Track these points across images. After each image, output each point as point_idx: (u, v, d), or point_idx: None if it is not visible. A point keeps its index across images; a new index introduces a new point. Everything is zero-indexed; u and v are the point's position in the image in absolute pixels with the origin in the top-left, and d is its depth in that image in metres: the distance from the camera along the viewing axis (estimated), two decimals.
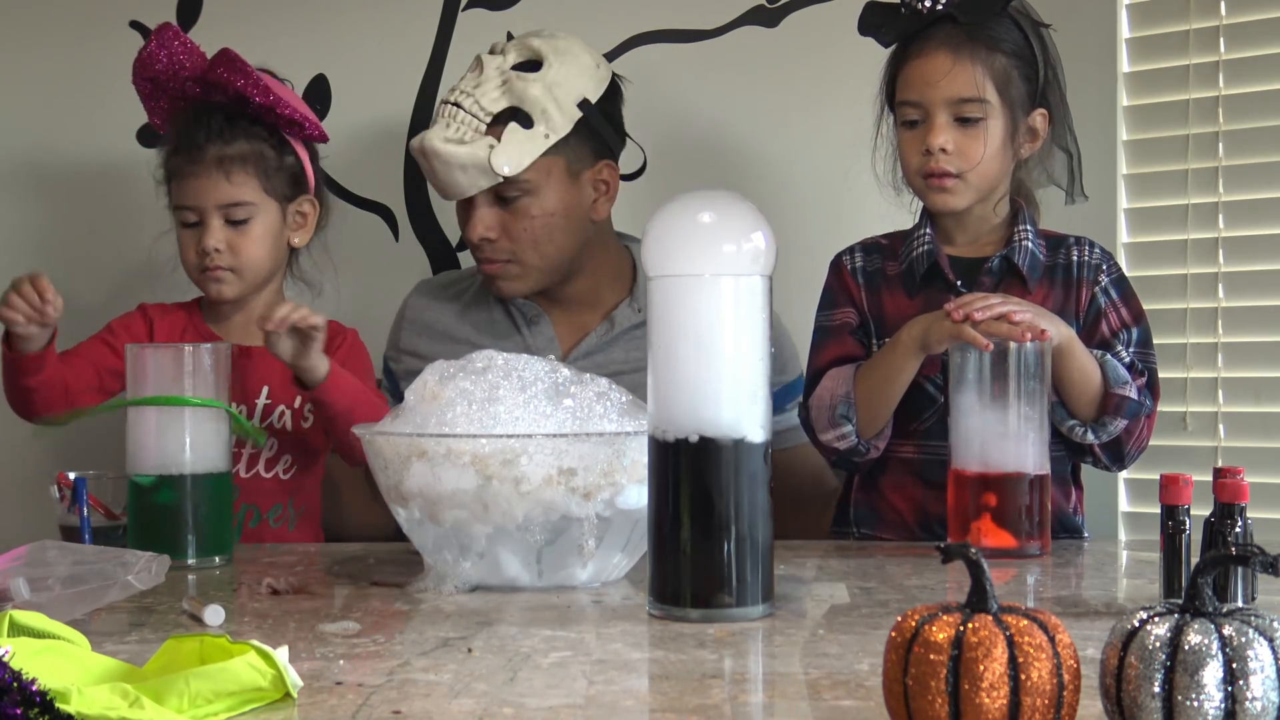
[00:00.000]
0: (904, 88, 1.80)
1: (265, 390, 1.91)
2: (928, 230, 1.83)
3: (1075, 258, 1.82)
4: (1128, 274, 2.21)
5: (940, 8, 1.79)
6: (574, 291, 2.08)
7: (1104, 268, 1.82)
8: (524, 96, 1.94)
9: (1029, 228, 1.82)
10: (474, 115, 1.94)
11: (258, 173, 1.91)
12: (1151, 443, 2.21)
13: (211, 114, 1.90)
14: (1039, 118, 1.83)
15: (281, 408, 1.91)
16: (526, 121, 1.94)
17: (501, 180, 1.94)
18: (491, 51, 2.03)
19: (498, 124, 1.94)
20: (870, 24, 1.85)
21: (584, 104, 1.99)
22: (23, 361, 1.77)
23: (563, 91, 1.97)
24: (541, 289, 2.05)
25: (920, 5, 1.79)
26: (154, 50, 1.92)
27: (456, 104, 1.95)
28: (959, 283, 1.79)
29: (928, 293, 1.80)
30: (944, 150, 1.77)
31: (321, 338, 1.74)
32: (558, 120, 1.96)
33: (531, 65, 1.99)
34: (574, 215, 2.01)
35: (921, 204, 1.87)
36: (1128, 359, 1.75)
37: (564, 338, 2.08)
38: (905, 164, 1.84)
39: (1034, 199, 1.90)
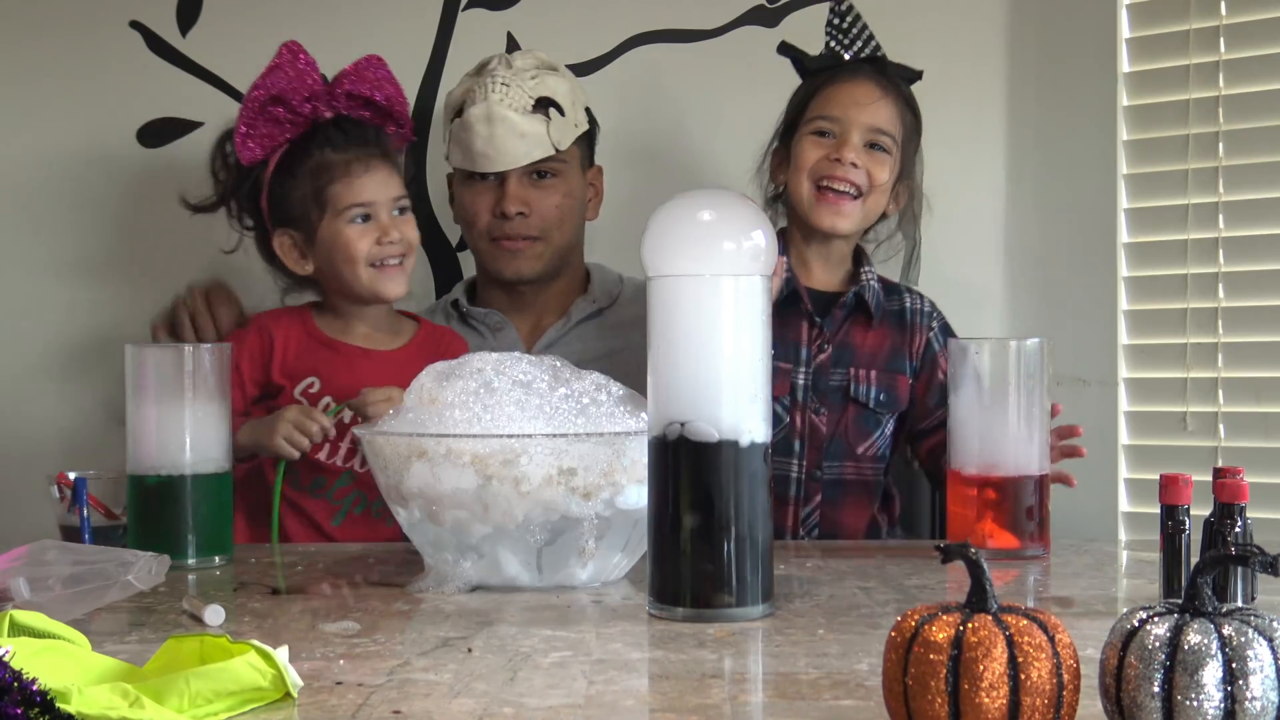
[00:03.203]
0: (825, 104, 1.94)
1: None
2: (785, 258, 1.95)
3: (909, 304, 1.99)
4: (1127, 274, 2.22)
5: (863, 58, 1.97)
6: (545, 296, 2.16)
7: (934, 315, 2.00)
8: (555, 90, 2.07)
9: (872, 269, 1.98)
10: (522, 94, 2.05)
11: (404, 173, 2.00)
12: (1152, 443, 2.22)
13: (362, 123, 1.98)
14: (903, 188, 1.98)
15: None
16: (560, 111, 2.07)
17: (551, 153, 2.06)
18: (505, 54, 2.12)
19: (539, 108, 2.06)
20: (791, 53, 2.04)
21: (588, 111, 2.14)
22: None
23: (577, 96, 2.11)
24: (546, 275, 2.13)
25: (842, 54, 1.97)
26: (282, 65, 1.97)
27: (505, 83, 2.05)
28: (816, 315, 1.93)
29: (783, 316, 1.88)
30: (854, 165, 1.90)
31: None
32: (578, 118, 2.10)
33: (546, 69, 2.11)
34: (580, 207, 2.15)
35: (778, 231, 1.98)
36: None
37: (526, 339, 2.16)
38: (801, 164, 1.93)
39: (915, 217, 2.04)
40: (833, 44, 1.99)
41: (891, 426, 1.96)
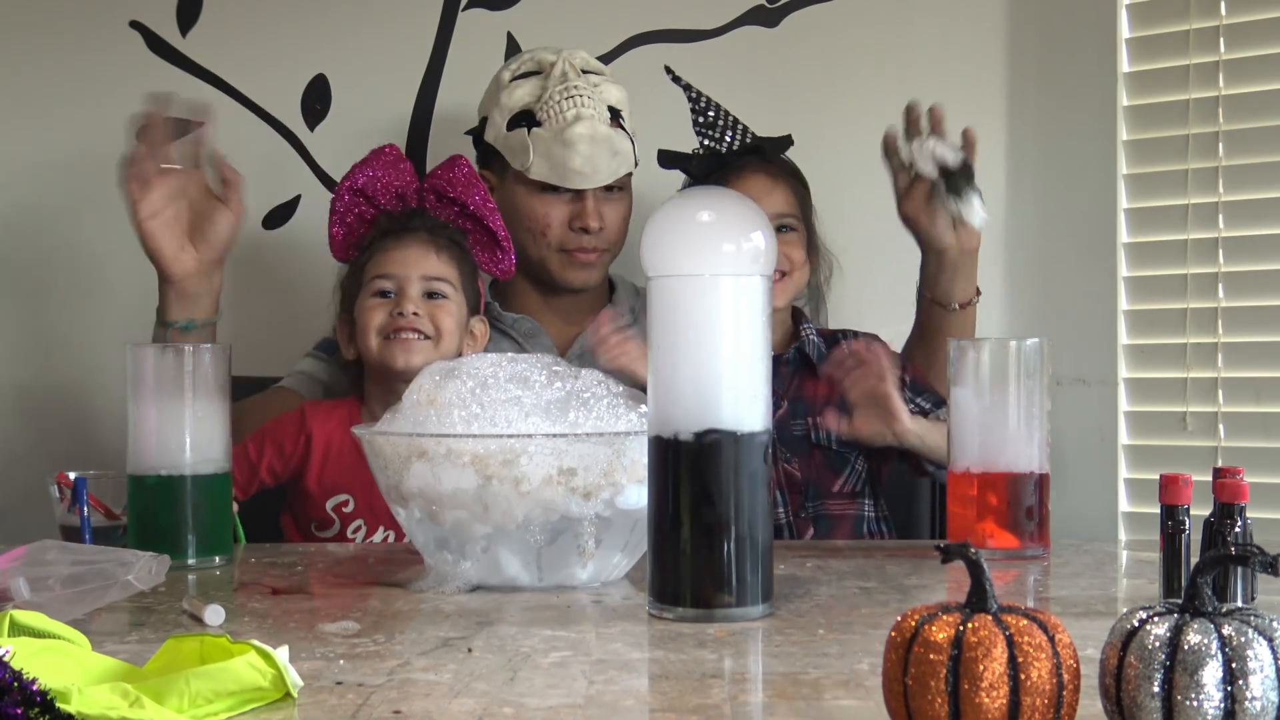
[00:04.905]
0: None
1: None
2: None
3: (847, 350, 2.01)
4: (1127, 274, 2.22)
5: (737, 147, 2.04)
6: (577, 303, 2.15)
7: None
8: (618, 99, 2.09)
9: (810, 325, 2.05)
10: (601, 106, 2.06)
11: (458, 264, 1.91)
12: (1152, 442, 2.21)
13: (423, 212, 1.93)
14: (814, 252, 2.06)
15: None
16: (624, 122, 2.09)
17: (631, 170, 2.09)
18: (568, 55, 2.10)
19: (614, 123, 2.08)
20: (672, 161, 2.10)
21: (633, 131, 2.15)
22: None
23: (630, 108, 2.12)
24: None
25: (720, 149, 2.05)
26: (374, 171, 1.95)
27: (590, 96, 2.06)
28: None
29: None
30: None
31: None
32: (632, 126, 2.12)
33: (603, 76, 2.12)
34: (630, 220, 2.15)
35: None
36: (927, 405, 1.97)
37: (559, 345, 2.15)
38: None
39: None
40: (707, 142, 2.06)
41: (862, 463, 2.00)
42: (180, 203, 1.85)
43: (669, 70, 2.19)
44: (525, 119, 2.06)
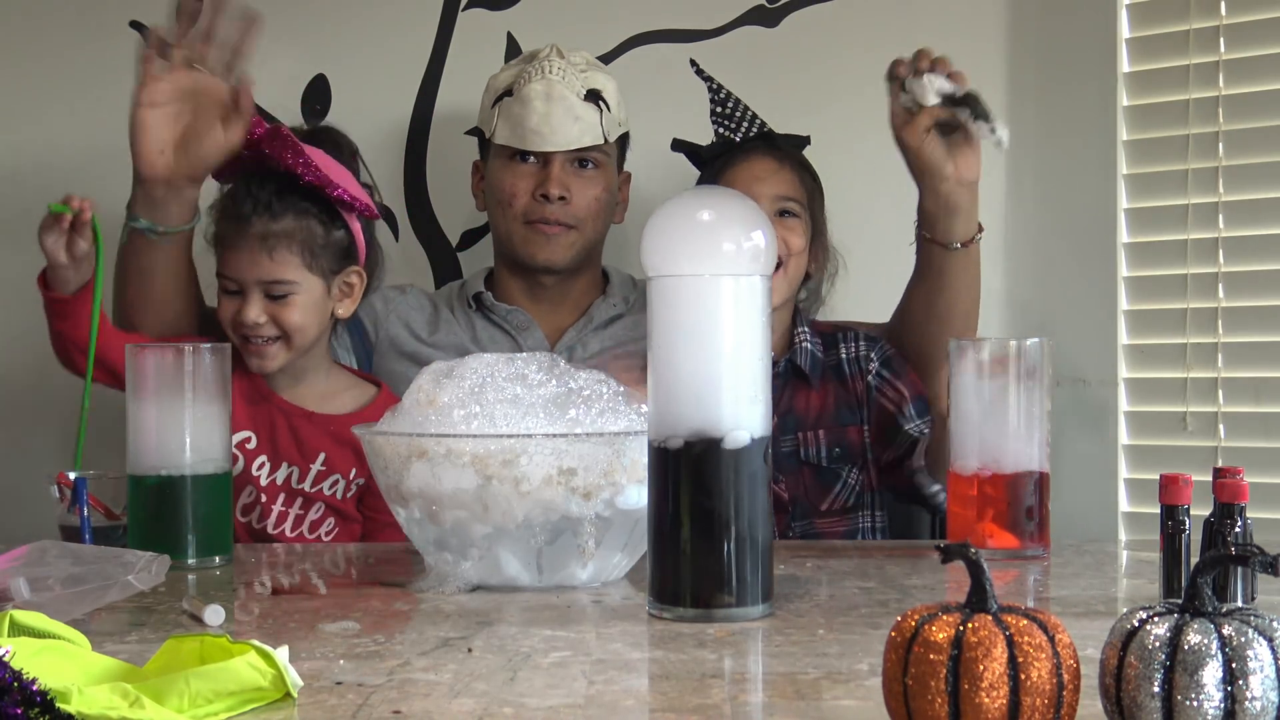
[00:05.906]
0: (729, 186, 1.97)
1: (322, 456, 1.91)
2: None
3: (844, 354, 2.00)
4: (1127, 274, 2.22)
5: (751, 136, 2.03)
6: (565, 294, 2.14)
7: (871, 356, 1.99)
8: (605, 86, 2.09)
9: (805, 329, 2.00)
10: (577, 81, 2.07)
11: (301, 250, 1.86)
12: (1152, 443, 2.21)
13: (262, 186, 1.85)
14: (819, 249, 2.03)
15: (336, 476, 1.91)
16: (607, 105, 2.09)
17: (600, 143, 2.08)
18: (557, 46, 2.12)
19: (590, 99, 2.07)
20: (683, 147, 2.10)
21: (625, 123, 2.14)
22: (58, 305, 1.79)
23: (620, 99, 2.12)
24: (571, 267, 2.11)
25: (733, 139, 2.05)
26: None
27: (562, 69, 2.07)
28: None
29: None
30: None
31: None
32: (621, 117, 2.12)
33: (595, 67, 2.13)
34: (612, 205, 2.15)
35: None
36: (916, 434, 1.94)
37: (549, 338, 2.14)
38: None
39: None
40: (721, 131, 2.06)
41: (855, 477, 1.97)
42: (186, 105, 1.79)
43: (693, 63, 2.20)
44: (504, 97, 2.08)
